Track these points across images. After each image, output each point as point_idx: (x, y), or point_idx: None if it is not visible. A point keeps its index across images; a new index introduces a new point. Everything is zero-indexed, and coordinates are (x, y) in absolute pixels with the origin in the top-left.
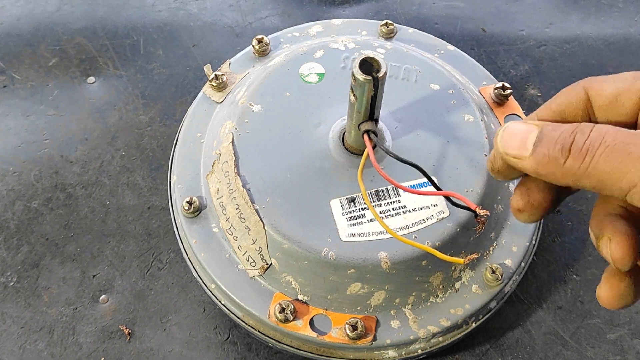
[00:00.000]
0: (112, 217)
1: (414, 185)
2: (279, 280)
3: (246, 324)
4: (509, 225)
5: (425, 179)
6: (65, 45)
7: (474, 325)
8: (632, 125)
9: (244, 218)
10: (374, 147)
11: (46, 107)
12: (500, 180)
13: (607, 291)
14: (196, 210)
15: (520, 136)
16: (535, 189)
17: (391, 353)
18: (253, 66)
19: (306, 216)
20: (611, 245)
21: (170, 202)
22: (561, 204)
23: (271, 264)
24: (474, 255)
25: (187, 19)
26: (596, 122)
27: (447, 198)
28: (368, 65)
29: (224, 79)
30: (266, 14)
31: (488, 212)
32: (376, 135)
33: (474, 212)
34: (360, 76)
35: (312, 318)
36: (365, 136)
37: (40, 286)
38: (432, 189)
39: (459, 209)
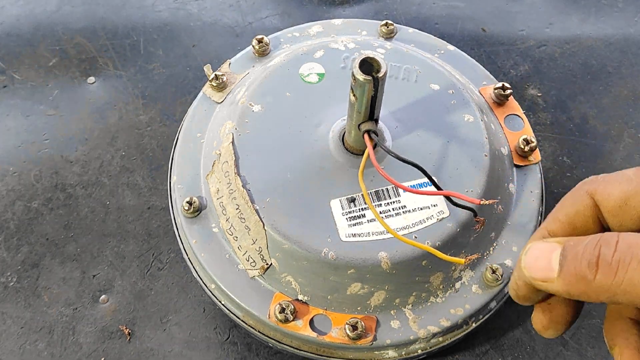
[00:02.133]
0: (112, 217)
1: (414, 185)
2: (279, 280)
3: (246, 324)
4: (509, 225)
5: (425, 179)
6: (65, 45)
7: (474, 325)
8: None
9: (244, 218)
10: (374, 147)
11: (46, 107)
12: (526, 305)
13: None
14: (196, 210)
15: (544, 257)
16: (556, 305)
17: (391, 353)
18: (253, 66)
19: (306, 216)
20: (623, 358)
21: (170, 202)
22: None
23: (271, 264)
24: (475, 256)
25: (187, 19)
26: (607, 226)
27: (448, 198)
28: (368, 65)
29: (224, 79)
30: (266, 14)
31: (494, 200)
32: (377, 135)
33: (474, 211)
34: (360, 76)
35: (312, 318)
36: (366, 136)
37: (40, 286)
38: (432, 189)
39: (459, 209)
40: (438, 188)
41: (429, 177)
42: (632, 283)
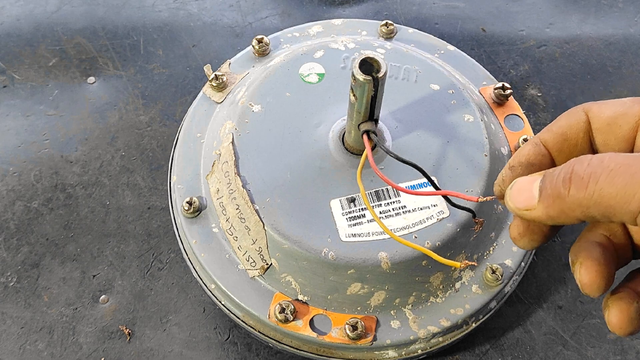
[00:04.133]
0: (112, 217)
1: (413, 185)
2: (279, 281)
3: (246, 324)
4: (509, 226)
5: (425, 179)
6: (65, 45)
7: (474, 325)
8: (629, 151)
9: (244, 218)
10: (373, 147)
11: (46, 107)
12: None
13: (618, 315)
14: (196, 210)
15: (526, 189)
16: None
17: (391, 353)
18: (253, 66)
19: (306, 216)
20: (581, 271)
21: (170, 202)
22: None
23: (271, 264)
24: (471, 263)
25: (187, 19)
26: (595, 146)
27: (446, 198)
28: (368, 66)
29: (224, 79)
30: (266, 14)
31: (493, 197)
32: (376, 135)
33: (473, 212)
34: (360, 76)
35: (312, 318)
36: (365, 136)
37: (40, 286)
38: (431, 189)
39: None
40: (436, 188)
41: (427, 177)
42: (603, 194)
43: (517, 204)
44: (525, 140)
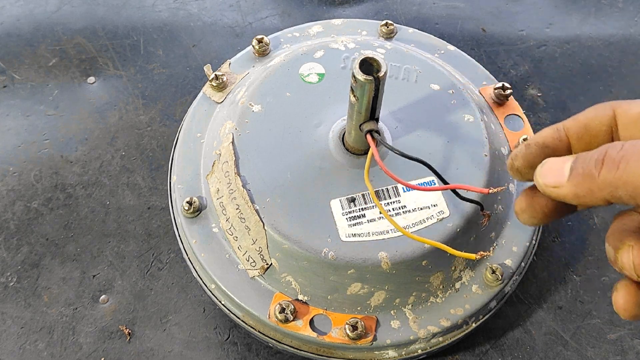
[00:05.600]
0: (112, 217)
1: (419, 183)
2: (279, 281)
3: (246, 324)
4: (509, 225)
5: (427, 179)
6: (65, 45)
7: (474, 325)
8: None
9: (244, 218)
10: (377, 146)
11: (46, 107)
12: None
13: (625, 297)
14: (196, 210)
15: (557, 167)
16: (541, 195)
17: (391, 353)
18: (253, 66)
19: (306, 216)
20: (634, 252)
21: (170, 202)
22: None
23: (271, 264)
24: (486, 253)
25: (187, 19)
26: (618, 140)
27: (455, 192)
28: (368, 66)
29: (224, 79)
30: (266, 14)
31: (502, 188)
32: (379, 134)
33: (481, 205)
34: (361, 76)
35: (312, 318)
36: (369, 136)
37: (40, 286)
38: (436, 185)
39: (461, 206)
40: (445, 182)
41: (435, 172)
42: (630, 172)
43: (546, 181)
44: (525, 140)
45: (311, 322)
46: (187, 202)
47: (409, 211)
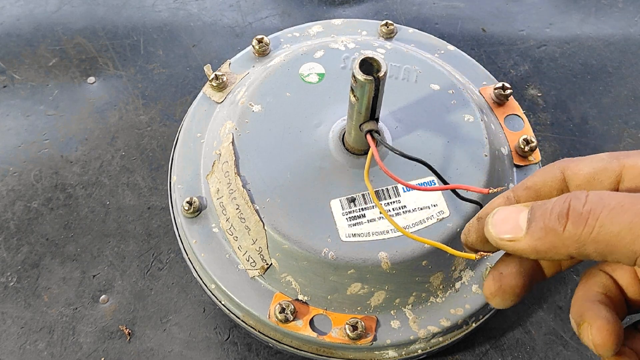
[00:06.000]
0: (112, 217)
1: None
2: (279, 281)
3: (246, 324)
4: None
5: (426, 179)
6: (65, 45)
7: (474, 325)
8: None
9: (244, 218)
10: (377, 146)
11: (46, 107)
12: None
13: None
14: (196, 210)
15: (512, 218)
16: (508, 275)
17: (391, 353)
18: (253, 66)
19: (306, 216)
20: (592, 332)
21: (170, 202)
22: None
23: (271, 264)
24: (486, 253)
25: (187, 19)
26: None
27: (455, 192)
28: (368, 66)
29: (224, 79)
30: (266, 14)
31: (502, 188)
32: (379, 134)
33: (480, 205)
34: (361, 76)
35: (312, 318)
36: (369, 136)
37: (40, 286)
38: (436, 185)
39: (461, 206)
40: (445, 182)
41: (435, 172)
42: (602, 231)
43: (499, 234)
44: (525, 140)
45: (311, 322)
46: (187, 202)
47: (409, 211)
